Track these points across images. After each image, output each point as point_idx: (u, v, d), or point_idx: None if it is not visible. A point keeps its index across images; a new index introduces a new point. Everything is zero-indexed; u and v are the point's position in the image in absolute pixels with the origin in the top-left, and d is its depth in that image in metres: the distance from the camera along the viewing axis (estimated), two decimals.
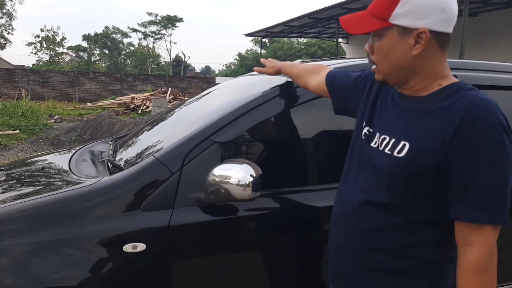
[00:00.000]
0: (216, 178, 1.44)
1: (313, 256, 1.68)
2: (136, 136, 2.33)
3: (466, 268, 1.00)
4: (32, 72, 27.13)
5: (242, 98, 1.78)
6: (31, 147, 8.82)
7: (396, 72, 1.09)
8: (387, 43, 1.07)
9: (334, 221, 1.27)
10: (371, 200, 1.12)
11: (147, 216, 1.48)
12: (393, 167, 1.07)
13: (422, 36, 1.03)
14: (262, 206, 1.59)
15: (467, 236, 1.01)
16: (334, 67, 1.82)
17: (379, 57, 1.10)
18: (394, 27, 1.05)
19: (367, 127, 1.21)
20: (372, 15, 1.08)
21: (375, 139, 1.16)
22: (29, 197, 1.54)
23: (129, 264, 1.45)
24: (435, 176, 1.03)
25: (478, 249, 0.99)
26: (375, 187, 1.12)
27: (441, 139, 1.00)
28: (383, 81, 1.13)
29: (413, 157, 1.04)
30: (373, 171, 1.13)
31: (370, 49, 1.13)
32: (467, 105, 1.00)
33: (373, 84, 1.28)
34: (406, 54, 1.05)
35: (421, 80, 1.09)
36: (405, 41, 1.04)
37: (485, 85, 1.79)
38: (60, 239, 1.40)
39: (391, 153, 1.08)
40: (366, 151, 1.18)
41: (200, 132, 1.61)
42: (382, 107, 1.20)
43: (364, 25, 1.09)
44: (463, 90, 1.05)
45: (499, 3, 11.72)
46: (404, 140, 1.06)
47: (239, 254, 1.60)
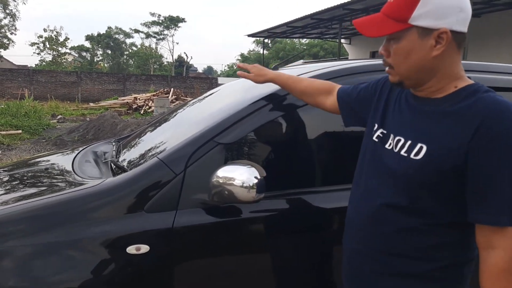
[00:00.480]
0: (220, 180, 1.43)
1: (319, 259, 1.67)
2: (139, 137, 2.32)
3: (490, 271, 1.00)
4: (35, 72, 27.20)
5: (246, 99, 1.77)
6: (34, 147, 8.84)
7: (415, 74, 1.08)
8: (407, 45, 1.05)
9: (348, 225, 1.26)
10: (387, 203, 1.11)
11: (151, 217, 1.47)
12: (409, 170, 1.06)
13: (443, 37, 1.03)
14: (267, 208, 1.58)
15: (489, 239, 1.00)
16: (337, 69, 1.81)
17: (397, 59, 1.09)
18: (414, 28, 1.04)
19: (380, 129, 1.20)
20: (389, 17, 1.07)
21: (390, 140, 1.15)
22: (32, 199, 1.54)
23: (132, 265, 1.44)
24: (453, 179, 1.02)
25: (502, 252, 0.98)
26: (391, 190, 1.11)
27: (459, 141, 1.00)
28: (399, 83, 1.12)
29: (430, 159, 1.03)
30: (388, 174, 1.12)
31: (386, 52, 1.11)
32: (485, 107, 0.99)
33: (384, 88, 1.27)
34: (427, 55, 1.05)
35: (438, 81, 1.08)
36: (426, 42, 1.04)
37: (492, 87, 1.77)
38: (63, 240, 1.40)
39: (408, 155, 1.07)
40: (380, 153, 1.16)
41: (204, 133, 1.61)
42: (396, 108, 1.19)
43: (382, 27, 1.07)
44: (479, 92, 1.04)
45: (503, 4, 11.68)
46: (421, 143, 1.06)
47: (243, 257, 1.59)
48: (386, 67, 1.14)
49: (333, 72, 1.79)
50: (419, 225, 1.07)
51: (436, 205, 1.05)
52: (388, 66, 1.13)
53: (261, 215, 1.58)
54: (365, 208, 1.18)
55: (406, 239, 1.09)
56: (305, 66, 2.09)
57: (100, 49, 53.57)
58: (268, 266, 1.63)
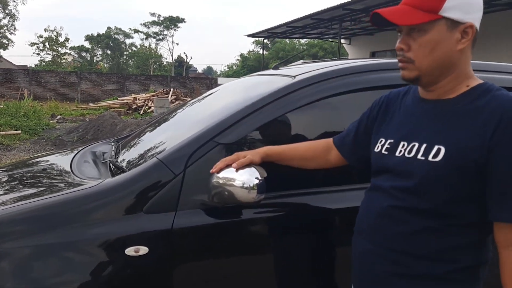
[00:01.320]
0: (220, 181, 1.41)
1: (320, 261, 1.65)
2: (138, 137, 2.30)
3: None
4: (34, 72, 27.22)
5: (246, 99, 1.75)
6: (33, 147, 8.82)
7: (436, 69, 1.07)
8: (435, 36, 1.04)
9: (360, 227, 1.23)
10: (406, 206, 1.09)
11: (150, 218, 1.45)
12: (430, 172, 1.04)
13: (468, 31, 1.04)
14: (267, 209, 1.56)
15: (509, 237, 1.00)
16: (335, 68, 1.79)
17: (421, 52, 1.06)
18: (443, 20, 1.04)
19: (389, 139, 1.18)
20: (417, 8, 1.05)
21: (399, 148, 1.13)
22: (30, 199, 1.51)
23: (131, 267, 1.42)
24: (474, 178, 1.01)
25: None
26: (410, 193, 1.09)
27: (479, 139, 0.99)
28: (415, 78, 1.10)
29: (450, 160, 1.02)
30: (405, 178, 1.10)
31: (406, 46, 1.09)
32: (503, 104, 1.00)
33: (383, 105, 1.28)
34: (453, 48, 1.05)
35: (452, 80, 1.08)
36: (453, 35, 1.04)
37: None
38: (62, 242, 1.37)
39: (425, 158, 1.06)
40: (391, 162, 1.14)
41: (204, 133, 1.59)
42: (402, 116, 1.19)
43: (413, 16, 1.05)
44: (492, 90, 1.05)
45: (503, 4, 11.67)
46: (438, 144, 1.04)
47: (244, 258, 1.57)
48: (403, 63, 1.11)
49: (333, 71, 1.77)
50: (438, 225, 1.06)
51: (455, 205, 1.05)
52: (405, 62, 1.10)
53: (261, 216, 1.56)
54: (380, 210, 1.16)
55: (424, 240, 1.08)
56: (305, 66, 2.07)
57: (100, 49, 53.57)
58: (268, 267, 1.61)
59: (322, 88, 1.70)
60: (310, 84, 1.71)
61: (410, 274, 1.10)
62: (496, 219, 1.01)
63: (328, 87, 1.71)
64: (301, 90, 1.69)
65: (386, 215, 1.14)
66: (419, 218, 1.08)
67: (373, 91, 1.64)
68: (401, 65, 1.12)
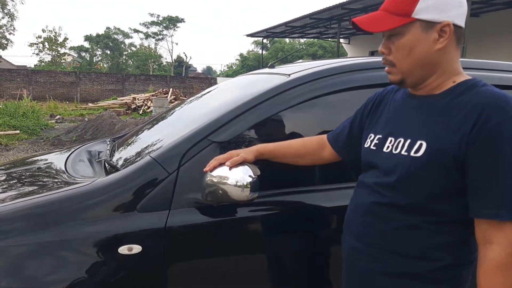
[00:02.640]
0: (214, 179, 1.41)
1: (314, 259, 1.65)
2: (134, 136, 2.30)
3: (487, 266, 0.99)
4: (34, 72, 27.19)
5: (241, 97, 1.74)
6: (32, 147, 8.81)
7: (417, 70, 1.08)
8: (410, 39, 1.06)
9: (348, 224, 1.24)
10: (388, 202, 1.10)
11: (143, 217, 1.45)
12: (411, 168, 1.05)
13: (446, 30, 1.05)
14: (261, 207, 1.56)
15: (487, 233, 0.99)
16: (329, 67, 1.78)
17: (400, 55, 1.08)
18: (417, 22, 1.05)
19: (377, 135, 1.18)
20: (391, 13, 1.07)
21: (387, 143, 1.14)
22: (22, 198, 1.51)
23: (124, 266, 1.42)
24: (455, 174, 1.01)
25: (499, 247, 0.97)
26: (392, 189, 1.09)
27: (459, 135, 0.99)
28: (401, 81, 1.11)
29: (430, 155, 1.02)
30: (388, 174, 1.10)
31: (386, 49, 1.11)
32: (483, 100, 1.00)
33: (376, 102, 1.28)
34: (430, 49, 1.06)
35: (438, 77, 1.09)
36: (429, 36, 1.05)
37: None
38: (54, 240, 1.37)
39: (408, 153, 1.06)
40: (379, 158, 1.15)
41: (198, 132, 1.58)
42: (391, 112, 1.19)
43: (385, 22, 1.07)
44: (477, 86, 1.05)
45: (502, 3, 11.67)
46: (420, 140, 1.05)
47: (237, 257, 1.57)
48: (386, 66, 1.13)
49: (328, 70, 1.76)
50: (420, 223, 1.06)
51: (438, 202, 1.04)
52: (388, 65, 1.12)
53: (255, 215, 1.56)
54: (364, 207, 1.16)
55: (406, 238, 1.08)
56: (300, 64, 2.07)
57: (99, 50, 53.52)
58: (262, 266, 1.60)
59: (316, 86, 1.70)
60: (305, 83, 1.71)
61: (392, 271, 1.10)
62: (474, 215, 1.01)
63: (322, 86, 1.71)
64: (296, 89, 1.69)
65: (369, 212, 1.14)
66: (401, 214, 1.08)
67: (367, 89, 1.64)
68: (386, 69, 1.14)
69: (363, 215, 1.17)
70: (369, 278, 1.14)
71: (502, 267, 0.97)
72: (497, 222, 0.97)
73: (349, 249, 1.22)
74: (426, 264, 1.06)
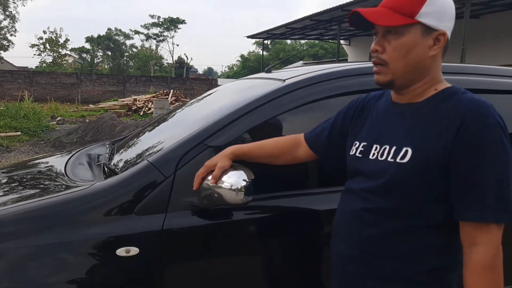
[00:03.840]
0: (209, 183, 1.45)
1: (309, 261, 1.68)
2: (133, 140, 2.33)
3: (473, 267, 1.01)
4: (35, 73, 27.26)
5: (238, 101, 1.78)
6: (33, 149, 8.85)
7: (409, 72, 1.10)
8: (409, 40, 1.07)
9: (336, 229, 1.27)
10: (374, 208, 1.12)
11: (141, 220, 1.48)
12: (397, 173, 1.07)
13: (440, 39, 1.08)
14: (256, 211, 1.59)
15: (472, 235, 1.02)
16: (324, 72, 1.81)
17: (395, 55, 1.09)
18: (418, 25, 1.06)
19: (362, 143, 1.21)
20: (395, 11, 1.07)
21: (373, 151, 1.16)
22: (21, 202, 1.55)
23: (122, 268, 1.45)
24: (439, 179, 1.04)
25: (484, 248, 1.00)
26: (378, 194, 1.12)
27: (442, 141, 1.02)
28: (390, 82, 1.12)
29: (416, 161, 1.05)
30: (375, 180, 1.13)
31: (381, 47, 1.11)
32: (465, 107, 1.03)
33: (359, 107, 1.30)
34: (425, 54, 1.08)
35: (424, 84, 1.11)
36: (426, 41, 1.07)
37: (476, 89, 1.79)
38: (52, 243, 1.40)
39: (394, 160, 1.08)
40: (365, 165, 1.17)
41: (194, 136, 1.62)
42: (375, 119, 1.22)
43: (390, 18, 1.07)
44: (458, 93, 1.08)
45: (501, 5, 11.69)
46: (406, 146, 1.08)
47: (233, 259, 1.60)
48: (377, 65, 1.13)
49: (323, 75, 1.79)
50: (406, 227, 1.09)
51: (423, 207, 1.07)
52: (380, 64, 1.12)
53: (251, 218, 1.59)
54: (351, 212, 1.19)
55: (393, 242, 1.10)
56: (297, 69, 2.10)
57: (100, 51, 53.63)
58: (258, 268, 1.64)
59: (311, 91, 1.73)
60: (300, 88, 1.74)
61: (380, 275, 1.12)
62: (460, 218, 1.04)
63: (317, 91, 1.74)
64: (291, 94, 1.72)
65: (357, 217, 1.17)
66: (387, 220, 1.10)
67: (361, 95, 1.66)
68: (375, 69, 1.15)
69: (350, 220, 1.19)
70: (358, 282, 1.17)
71: (487, 268, 0.99)
72: (482, 224, 1.00)
73: (338, 253, 1.24)
74: (413, 268, 1.09)
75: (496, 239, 1.01)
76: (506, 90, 1.96)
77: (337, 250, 1.25)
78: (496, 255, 1.00)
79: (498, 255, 1.01)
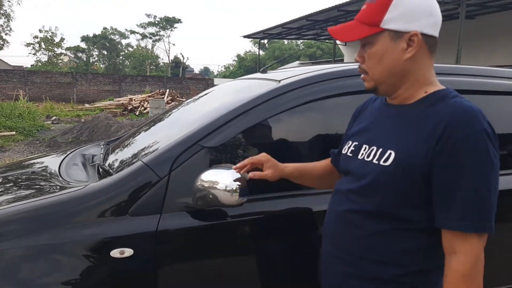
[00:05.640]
0: (204, 184, 1.44)
1: (303, 261, 1.68)
2: (127, 140, 2.32)
3: (452, 276, 1.01)
4: (30, 73, 27.11)
5: (232, 102, 1.77)
6: (28, 148, 8.81)
7: (388, 78, 1.10)
8: (380, 48, 1.09)
9: (325, 229, 1.28)
10: (359, 209, 1.13)
11: (135, 221, 1.47)
12: (380, 176, 1.08)
13: (414, 39, 1.06)
14: (251, 212, 1.58)
15: (452, 244, 1.02)
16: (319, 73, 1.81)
17: (371, 64, 1.11)
18: (386, 32, 1.07)
19: (355, 142, 1.22)
20: (362, 23, 1.10)
21: (362, 151, 1.17)
22: (16, 202, 1.53)
23: (116, 269, 1.44)
24: (421, 184, 1.03)
25: (463, 257, 1.00)
26: (362, 195, 1.13)
27: (425, 146, 1.01)
28: (374, 88, 1.15)
29: (398, 165, 1.05)
30: (359, 180, 1.14)
31: (360, 58, 1.14)
32: (451, 113, 1.02)
33: (361, 110, 1.32)
34: (399, 58, 1.08)
35: (410, 87, 1.11)
36: (398, 45, 1.07)
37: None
38: (46, 244, 1.39)
39: (378, 162, 1.09)
40: (353, 164, 1.18)
41: (189, 137, 1.61)
42: (367, 120, 1.23)
43: (355, 32, 1.10)
44: (448, 97, 1.07)
45: (497, 5, 11.75)
46: (390, 149, 1.08)
47: (228, 260, 1.60)
48: (362, 73, 1.17)
49: (318, 76, 1.79)
50: (389, 229, 1.09)
51: (406, 210, 1.07)
52: (363, 73, 1.16)
53: (245, 219, 1.59)
54: (337, 213, 1.20)
55: (376, 244, 1.11)
56: (292, 70, 2.10)
57: (96, 50, 53.45)
58: (253, 269, 1.63)
59: (306, 92, 1.73)
60: (295, 89, 1.73)
61: (364, 276, 1.13)
62: (441, 225, 1.03)
63: (312, 92, 1.74)
64: (286, 95, 1.72)
65: (342, 218, 1.18)
66: (371, 221, 1.11)
67: (357, 95, 1.66)
68: (362, 77, 1.18)
69: (336, 221, 1.20)
70: (343, 281, 1.18)
71: (465, 277, 0.99)
72: (462, 233, 0.99)
73: (326, 253, 1.25)
74: (396, 270, 1.09)
75: (476, 249, 1.00)
76: (500, 91, 1.97)
77: (325, 250, 1.26)
78: (475, 265, 0.99)
79: (478, 264, 1.00)
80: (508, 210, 1.83)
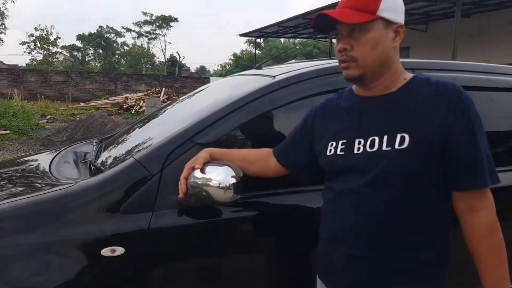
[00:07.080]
0: (197, 181, 1.41)
1: (298, 259, 1.66)
2: (120, 137, 2.29)
3: (480, 232, 1.10)
4: (25, 71, 26.95)
5: (226, 98, 1.75)
6: (22, 147, 8.74)
7: (378, 65, 1.14)
8: (375, 34, 1.12)
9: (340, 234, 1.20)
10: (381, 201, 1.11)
11: (126, 219, 1.45)
12: (397, 160, 1.09)
13: (400, 31, 1.15)
14: (244, 209, 1.56)
15: (472, 203, 1.10)
16: (314, 69, 1.79)
17: (364, 50, 1.12)
18: (380, 20, 1.12)
19: (341, 140, 1.20)
20: (356, 10, 1.12)
21: (356, 145, 1.16)
22: (5, 200, 1.50)
23: (107, 268, 1.41)
24: (437, 159, 1.10)
25: (486, 211, 1.10)
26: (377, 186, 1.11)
27: (437, 121, 1.08)
28: (359, 76, 1.15)
29: (416, 144, 1.08)
30: (369, 173, 1.12)
31: (348, 45, 1.14)
32: (445, 89, 1.11)
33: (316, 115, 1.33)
34: (389, 46, 1.14)
35: (392, 75, 1.17)
36: (388, 34, 1.14)
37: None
38: (36, 243, 1.36)
39: (392, 147, 1.10)
40: (353, 160, 1.16)
41: (182, 133, 1.58)
42: (342, 118, 1.23)
43: (356, 17, 1.11)
44: (429, 79, 1.16)
45: (492, 4, 11.78)
46: (400, 133, 1.10)
47: (221, 257, 1.57)
48: (345, 62, 1.15)
49: (312, 72, 1.77)
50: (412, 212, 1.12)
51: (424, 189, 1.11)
52: (348, 61, 1.15)
53: (239, 216, 1.56)
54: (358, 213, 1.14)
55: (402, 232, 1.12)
56: (287, 66, 2.07)
57: (92, 49, 53.23)
58: (246, 266, 1.61)
59: (300, 88, 1.71)
60: (289, 84, 1.71)
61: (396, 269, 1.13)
62: (463, 189, 1.11)
63: (306, 87, 1.72)
64: (280, 90, 1.70)
65: (366, 216, 1.13)
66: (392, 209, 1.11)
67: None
68: (343, 65, 1.17)
69: (357, 222, 1.15)
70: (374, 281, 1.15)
71: (493, 229, 1.10)
72: (481, 190, 1.10)
73: (346, 259, 1.18)
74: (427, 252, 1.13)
75: (492, 200, 1.12)
76: (499, 87, 1.96)
77: (342, 256, 1.19)
78: (495, 215, 1.11)
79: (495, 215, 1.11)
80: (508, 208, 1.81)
